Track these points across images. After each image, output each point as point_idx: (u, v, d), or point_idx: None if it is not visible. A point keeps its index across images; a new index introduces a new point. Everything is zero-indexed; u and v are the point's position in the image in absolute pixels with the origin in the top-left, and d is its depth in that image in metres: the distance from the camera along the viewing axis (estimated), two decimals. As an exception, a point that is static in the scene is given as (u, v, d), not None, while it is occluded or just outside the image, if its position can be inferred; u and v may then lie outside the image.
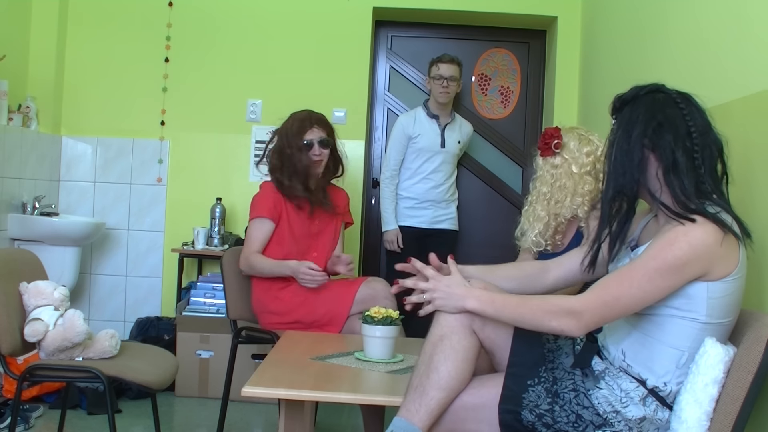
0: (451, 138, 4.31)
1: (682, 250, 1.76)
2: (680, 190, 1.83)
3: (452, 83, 4.23)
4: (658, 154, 1.87)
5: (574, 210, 2.80)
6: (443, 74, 4.21)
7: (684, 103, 1.90)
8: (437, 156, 4.25)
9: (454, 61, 4.26)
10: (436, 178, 4.25)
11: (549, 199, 2.82)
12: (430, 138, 4.25)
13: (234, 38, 4.57)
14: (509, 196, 4.77)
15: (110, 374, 2.50)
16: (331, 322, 3.12)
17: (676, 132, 1.86)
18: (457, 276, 2.02)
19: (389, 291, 3.14)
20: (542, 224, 2.83)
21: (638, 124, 1.89)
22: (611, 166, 1.93)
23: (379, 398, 2.14)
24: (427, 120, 4.28)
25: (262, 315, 3.27)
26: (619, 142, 1.91)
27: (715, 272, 1.78)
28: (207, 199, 4.43)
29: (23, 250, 3.20)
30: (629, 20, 3.62)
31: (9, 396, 3.55)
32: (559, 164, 2.81)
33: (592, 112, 4.19)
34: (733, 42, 2.41)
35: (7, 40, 4.12)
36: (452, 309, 1.97)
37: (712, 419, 1.78)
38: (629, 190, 1.91)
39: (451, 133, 4.31)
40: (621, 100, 1.98)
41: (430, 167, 4.24)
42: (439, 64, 4.25)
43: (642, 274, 1.79)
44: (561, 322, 1.83)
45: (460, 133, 4.37)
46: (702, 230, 1.76)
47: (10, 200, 4.02)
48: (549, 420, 1.87)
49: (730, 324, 1.86)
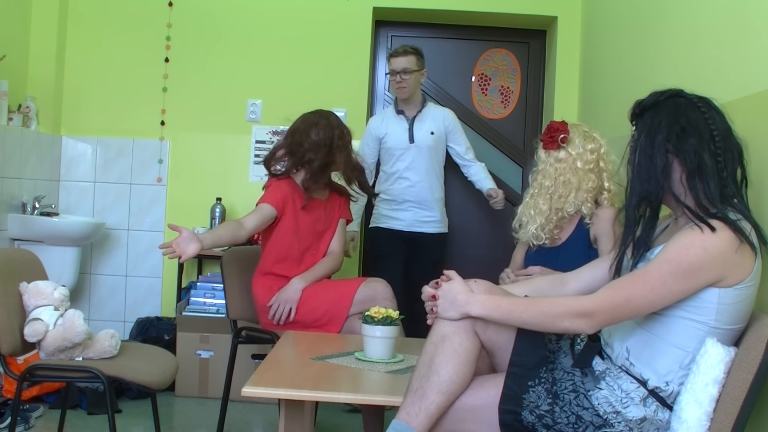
0: (421, 131, 4.03)
1: (698, 255, 1.76)
2: (704, 194, 1.83)
3: (406, 76, 3.95)
4: (682, 159, 1.86)
5: (578, 206, 2.81)
6: (395, 68, 3.96)
7: (705, 107, 1.89)
8: (407, 153, 4.01)
9: (407, 52, 3.97)
10: (410, 176, 4.00)
11: (552, 193, 2.82)
12: (398, 135, 4.03)
13: (234, 38, 4.57)
14: (509, 196, 4.76)
15: (110, 374, 2.51)
16: (330, 321, 3.12)
17: (699, 136, 1.85)
18: (459, 282, 1.99)
19: (389, 291, 3.15)
20: (543, 218, 2.83)
21: (661, 130, 1.88)
22: (635, 172, 1.91)
23: (378, 398, 2.14)
24: (394, 117, 4.08)
25: (263, 314, 3.27)
26: (643, 148, 1.90)
27: (729, 279, 1.78)
28: (207, 199, 4.43)
29: (23, 250, 3.20)
30: (629, 20, 3.62)
31: (9, 396, 3.55)
32: (564, 159, 2.81)
33: (592, 112, 4.19)
34: (733, 42, 2.41)
35: (7, 40, 4.12)
36: (456, 316, 1.94)
37: (713, 419, 1.78)
38: (654, 195, 1.89)
39: (421, 125, 4.03)
40: (641, 105, 1.96)
41: (402, 165, 4.01)
42: (390, 59, 4.00)
43: (656, 277, 1.79)
44: (573, 323, 1.83)
45: (433, 123, 4.05)
46: (719, 237, 1.76)
47: (10, 200, 4.02)
48: (549, 421, 1.87)
49: (738, 330, 1.85)
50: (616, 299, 1.82)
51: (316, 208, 3.28)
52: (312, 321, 3.14)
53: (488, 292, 1.99)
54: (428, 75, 4.84)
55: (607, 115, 3.86)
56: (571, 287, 2.15)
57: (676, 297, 1.80)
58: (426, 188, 4.03)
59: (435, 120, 4.08)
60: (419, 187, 4.02)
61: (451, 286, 1.98)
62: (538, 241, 2.87)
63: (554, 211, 2.82)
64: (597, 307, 1.82)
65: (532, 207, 2.85)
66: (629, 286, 1.82)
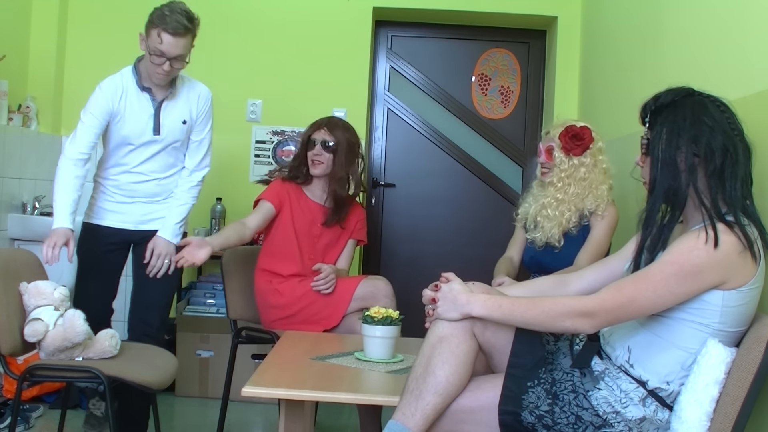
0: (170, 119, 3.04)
1: (701, 257, 1.75)
2: (721, 195, 1.82)
3: (178, 65, 2.96)
4: (705, 159, 1.83)
5: (597, 205, 2.91)
6: (166, 52, 2.87)
7: (723, 106, 1.88)
8: (148, 147, 3.04)
9: (187, 30, 2.92)
10: (145, 170, 3.07)
11: (573, 194, 2.91)
12: (139, 122, 3.00)
13: (234, 38, 4.57)
14: (509, 196, 4.76)
15: (110, 374, 2.50)
16: (329, 316, 3.13)
17: (725, 135, 1.83)
18: (459, 283, 1.99)
19: (390, 289, 3.16)
20: (564, 219, 2.91)
21: (686, 128, 1.85)
22: (659, 171, 1.87)
23: (378, 398, 2.15)
24: (136, 93, 3.02)
25: (263, 310, 3.27)
26: (666, 146, 1.86)
27: (733, 282, 1.77)
28: (207, 199, 4.42)
29: (23, 250, 3.19)
30: (629, 20, 3.62)
31: (9, 396, 3.55)
32: (585, 162, 2.91)
33: (592, 112, 4.19)
34: (733, 41, 2.41)
35: (7, 40, 4.12)
36: (457, 316, 1.93)
37: (713, 419, 1.78)
38: (681, 194, 1.85)
39: (169, 114, 3.04)
40: (657, 103, 1.92)
41: (138, 159, 3.06)
42: (162, 34, 2.86)
43: (659, 279, 1.78)
44: (575, 322, 1.83)
45: (187, 106, 3.08)
46: (722, 240, 1.74)
47: (10, 200, 4.01)
48: (549, 421, 1.87)
49: (741, 333, 1.85)
50: (619, 299, 1.82)
51: (313, 211, 3.29)
52: (311, 315, 3.14)
53: (487, 293, 1.99)
54: (428, 75, 4.86)
55: (607, 115, 3.87)
56: (573, 288, 2.13)
57: (679, 299, 1.79)
58: (166, 185, 3.14)
59: (189, 102, 3.10)
60: (152, 184, 3.11)
61: (451, 287, 1.97)
62: (554, 242, 2.92)
63: (574, 212, 2.90)
64: (599, 307, 1.82)
65: (549, 208, 2.91)
66: (632, 286, 1.82)
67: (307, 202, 3.29)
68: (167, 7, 2.91)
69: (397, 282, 3.32)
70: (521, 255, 3.12)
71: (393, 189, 4.84)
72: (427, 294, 2.01)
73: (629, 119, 3.44)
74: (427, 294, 2.01)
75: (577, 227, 2.93)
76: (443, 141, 4.82)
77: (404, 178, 4.84)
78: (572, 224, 2.91)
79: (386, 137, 4.85)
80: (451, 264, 2.08)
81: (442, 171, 4.83)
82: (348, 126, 3.33)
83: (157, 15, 2.91)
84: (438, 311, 1.96)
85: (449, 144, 4.82)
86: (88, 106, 3.02)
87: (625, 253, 2.09)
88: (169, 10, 2.89)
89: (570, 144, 2.90)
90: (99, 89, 3.03)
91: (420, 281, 2.24)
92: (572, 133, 2.91)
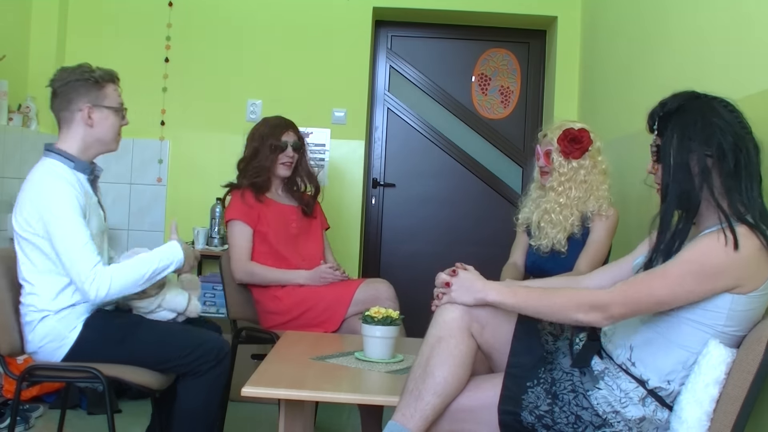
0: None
1: (720, 258, 1.75)
2: (737, 196, 1.81)
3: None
4: (718, 160, 1.83)
5: (599, 206, 2.89)
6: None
7: (730, 106, 1.88)
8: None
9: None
10: None
11: (576, 197, 2.89)
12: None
13: (234, 38, 4.57)
14: (509, 196, 4.77)
15: (110, 375, 2.50)
16: (329, 319, 3.13)
17: (736, 136, 1.83)
18: (474, 271, 2.02)
19: (392, 292, 3.16)
20: (568, 223, 2.90)
21: (697, 131, 1.84)
22: (672, 176, 1.87)
23: (378, 398, 2.14)
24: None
25: (263, 316, 3.28)
26: (677, 151, 1.86)
27: (746, 286, 1.77)
28: (207, 199, 4.42)
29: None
30: (629, 20, 3.62)
31: (9, 396, 3.55)
32: (585, 165, 2.90)
33: (591, 112, 4.19)
34: (733, 41, 2.41)
35: (7, 40, 4.12)
36: (471, 301, 1.95)
37: (713, 419, 1.78)
38: (694, 198, 1.85)
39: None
40: (666, 109, 1.92)
41: None
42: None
43: (676, 275, 1.78)
44: (588, 315, 1.83)
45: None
46: (743, 243, 1.74)
47: (10, 200, 4.01)
48: (549, 421, 1.87)
49: (743, 336, 1.85)
50: (632, 294, 1.82)
51: (285, 212, 3.35)
52: (311, 319, 3.14)
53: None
54: (428, 75, 4.86)
55: (607, 115, 3.87)
56: (584, 286, 2.14)
57: (692, 298, 1.79)
58: None
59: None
60: None
61: (468, 274, 2.00)
62: (560, 248, 2.90)
63: (577, 215, 2.90)
64: (612, 301, 1.82)
65: (552, 213, 2.91)
66: (647, 282, 1.82)
67: (276, 206, 3.34)
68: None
69: (396, 282, 3.31)
70: (525, 260, 3.11)
71: (393, 189, 4.84)
72: (442, 277, 2.03)
73: (629, 119, 3.44)
74: (442, 277, 2.03)
75: (581, 230, 2.92)
76: (443, 141, 4.82)
77: (404, 178, 4.85)
78: (576, 228, 2.91)
79: (386, 137, 4.86)
80: (452, 264, 2.08)
81: (442, 171, 4.83)
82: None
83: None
84: (452, 295, 1.98)
85: (449, 144, 4.82)
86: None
87: (635, 255, 2.09)
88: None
89: (569, 147, 2.88)
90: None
91: (420, 281, 2.25)
92: (570, 137, 2.88)
